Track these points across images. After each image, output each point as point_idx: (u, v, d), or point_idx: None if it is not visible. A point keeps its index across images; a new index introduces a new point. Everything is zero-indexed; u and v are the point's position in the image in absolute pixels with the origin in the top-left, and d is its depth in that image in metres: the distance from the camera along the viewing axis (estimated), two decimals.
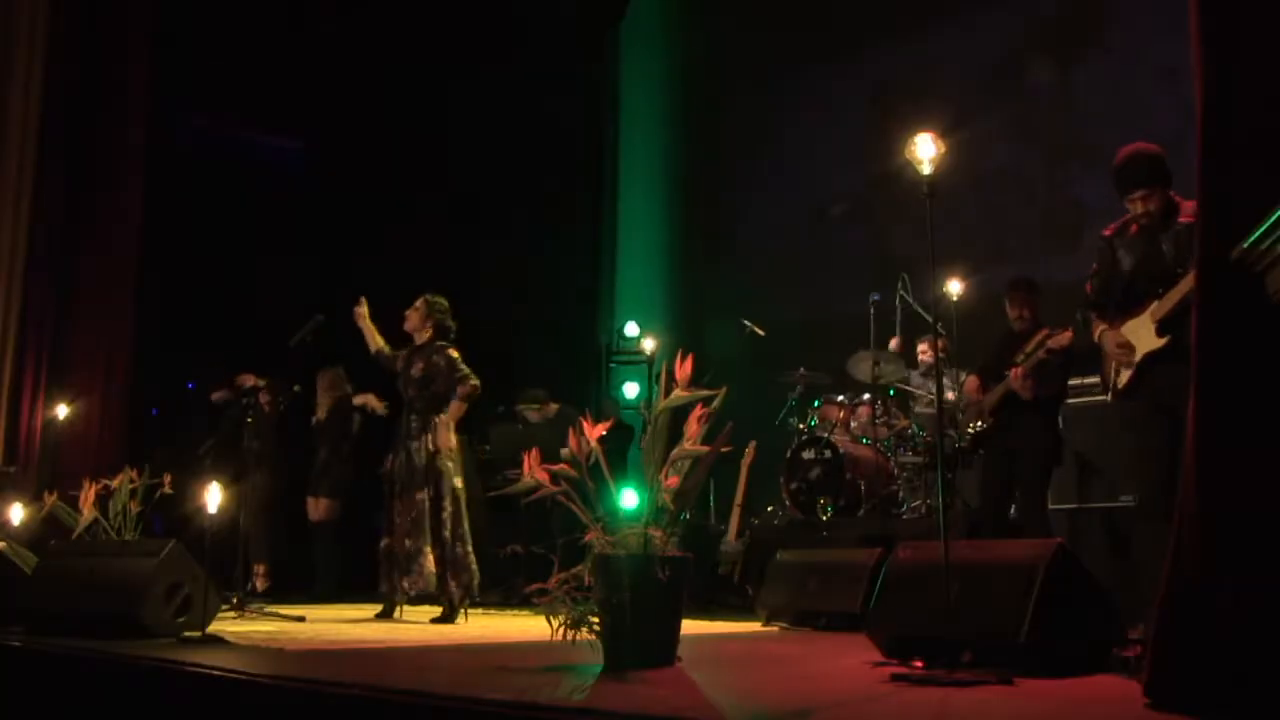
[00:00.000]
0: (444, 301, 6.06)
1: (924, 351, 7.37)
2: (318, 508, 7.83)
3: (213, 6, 8.88)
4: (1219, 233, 2.32)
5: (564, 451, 3.54)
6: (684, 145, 11.04)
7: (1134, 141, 4.44)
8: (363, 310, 6.07)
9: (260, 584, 7.57)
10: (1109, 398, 4.47)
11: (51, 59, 7.93)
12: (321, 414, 7.97)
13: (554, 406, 8.36)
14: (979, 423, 5.68)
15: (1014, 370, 5.48)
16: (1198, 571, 2.25)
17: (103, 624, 4.03)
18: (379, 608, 5.62)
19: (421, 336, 5.95)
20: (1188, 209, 4.17)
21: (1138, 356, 4.24)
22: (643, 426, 6.67)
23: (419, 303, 6.02)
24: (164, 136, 8.75)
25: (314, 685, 2.73)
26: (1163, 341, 4.15)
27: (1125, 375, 4.29)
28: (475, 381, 5.76)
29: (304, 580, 7.69)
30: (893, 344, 7.43)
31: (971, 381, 5.86)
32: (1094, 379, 5.99)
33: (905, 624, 3.34)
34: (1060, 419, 5.81)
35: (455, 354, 5.84)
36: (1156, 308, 4.18)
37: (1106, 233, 4.49)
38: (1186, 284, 4.00)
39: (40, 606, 4.38)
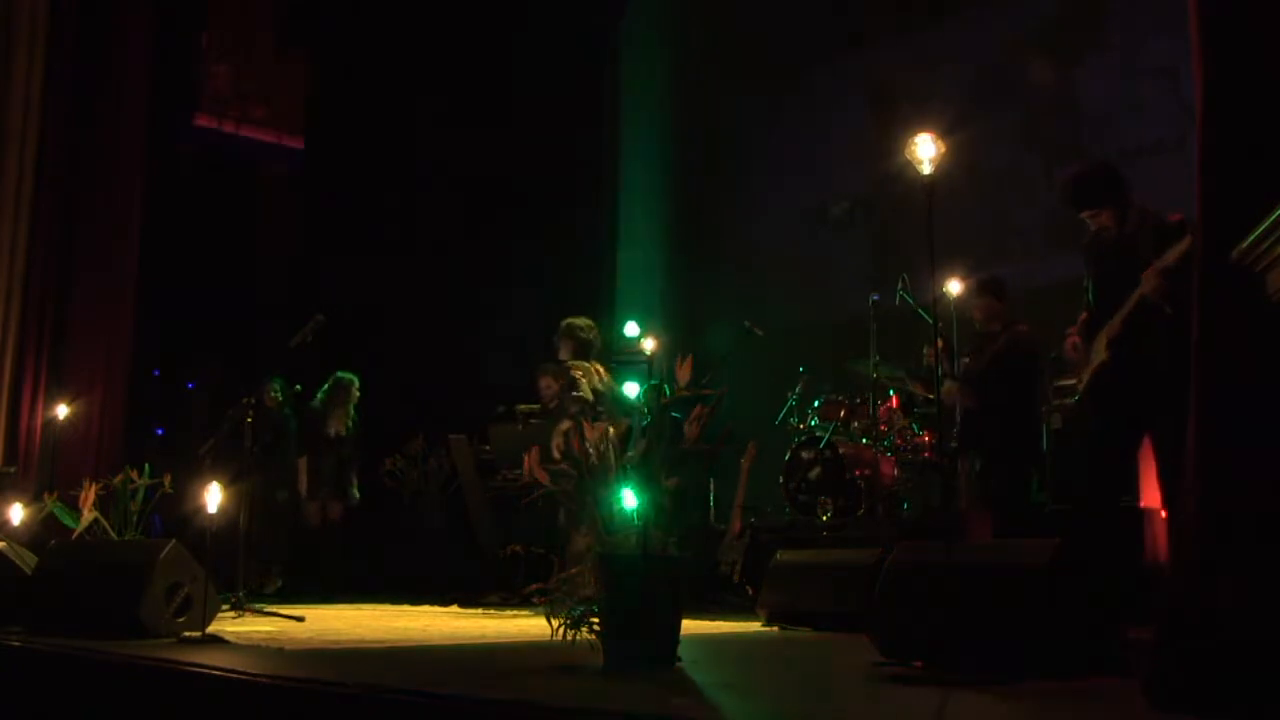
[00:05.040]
0: (578, 322, 6.29)
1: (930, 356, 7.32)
2: (330, 510, 7.91)
3: (212, 7, 8.90)
4: (1219, 233, 2.32)
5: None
6: (684, 145, 11.03)
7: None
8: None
9: (272, 585, 7.61)
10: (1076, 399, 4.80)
11: (51, 59, 7.93)
12: (340, 429, 8.02)
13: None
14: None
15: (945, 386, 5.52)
16: (1198, 572, 2.25)
17: (103, 624, 4.02)
18: (384, 608, 5.61)
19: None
20: (1152, 218, 4.28)
21: (1091, 367, 4.41)
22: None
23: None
24: (164, 137, 8.76)
25: (314, 685, 2.72)
26: (1104, 356, 4.32)
27: (1084, 380, 4.53)
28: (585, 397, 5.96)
29: (308, 581, 7.70)
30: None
31: (949, 387, 5.92)
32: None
33: (905, 624, 3.34)
34: (1032, 423, 5.87)
35: (576, 373, 6.12)
36: (1111, 324, 4.33)
37: (1085, 242, 4.61)
38: (1129, 305, 4.28)
39: (40, 606, 4.38)
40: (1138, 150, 6.95)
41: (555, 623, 3.17)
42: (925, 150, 3.12)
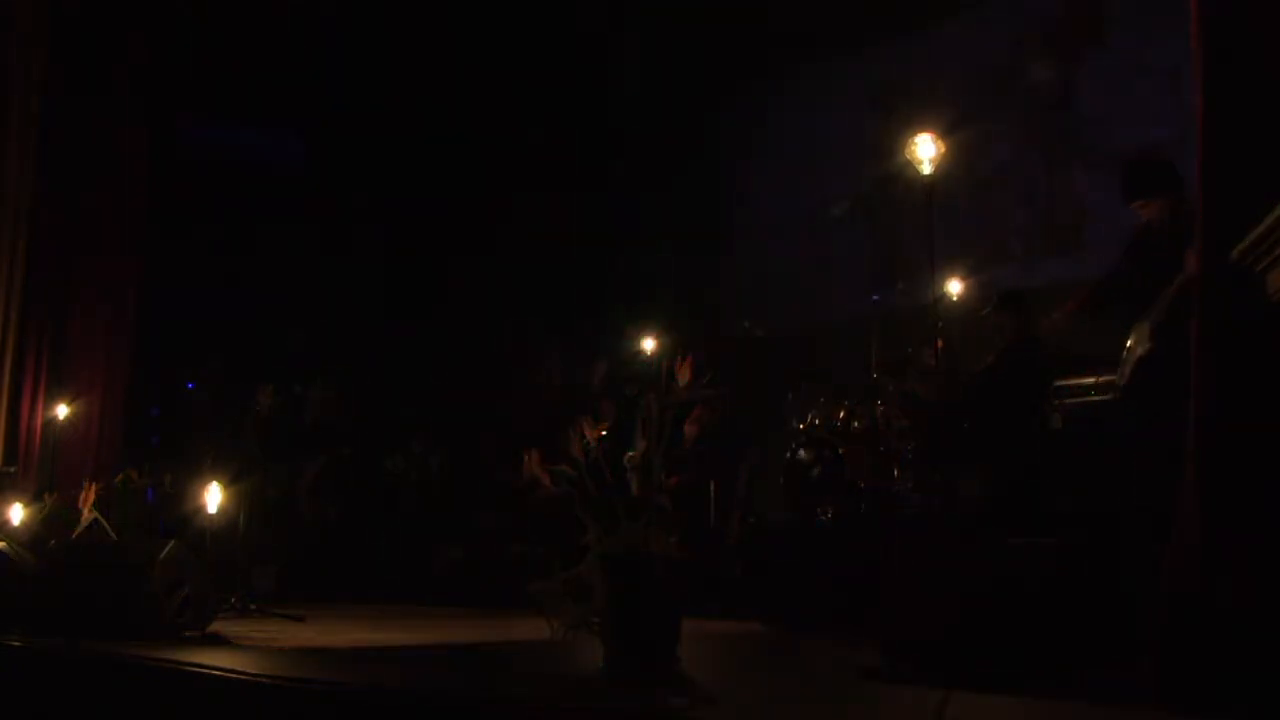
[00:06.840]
0: None
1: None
2: (329, 510, 7.94)
3: (213, 5, 8.89)
4: (1219, 232, 2.32)
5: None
6: (684, 145, 11.03)
7: (1139, 144, 4.53)
8: None
9: (268, 585, 7.61)
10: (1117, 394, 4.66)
11: (52, 59, 7.93)
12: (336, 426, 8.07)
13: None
14: None
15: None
16: (1198, 571, 2.25)
17: (103, 624, 4.03)
18: (383, 608, 5.61)
19: None
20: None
21: (1134, 357, 4.35)
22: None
23: None
24: (164, 136, 8.76)
25: (314, 685, 2.72)
26: (1149, 346, 4.26)
27: (1126, 372, 4.40)
28: None
29: (308, 581, 7.70)
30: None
31: (927, 386, 5.94)
32: (1089, 379, 6.00)
33: (905, 624, 3.34)
34: (1029, 427, 5.80)
35: None
36: (1154, 313, 4.27)
37: (1137, 226, 4.54)
38: (1173, 289, 4.15)
39: (40, 606, 4.38)
40: (1138, 150, 6.93)
41: (555, 623, 3.17)
42: (925, 150, 3.13)
